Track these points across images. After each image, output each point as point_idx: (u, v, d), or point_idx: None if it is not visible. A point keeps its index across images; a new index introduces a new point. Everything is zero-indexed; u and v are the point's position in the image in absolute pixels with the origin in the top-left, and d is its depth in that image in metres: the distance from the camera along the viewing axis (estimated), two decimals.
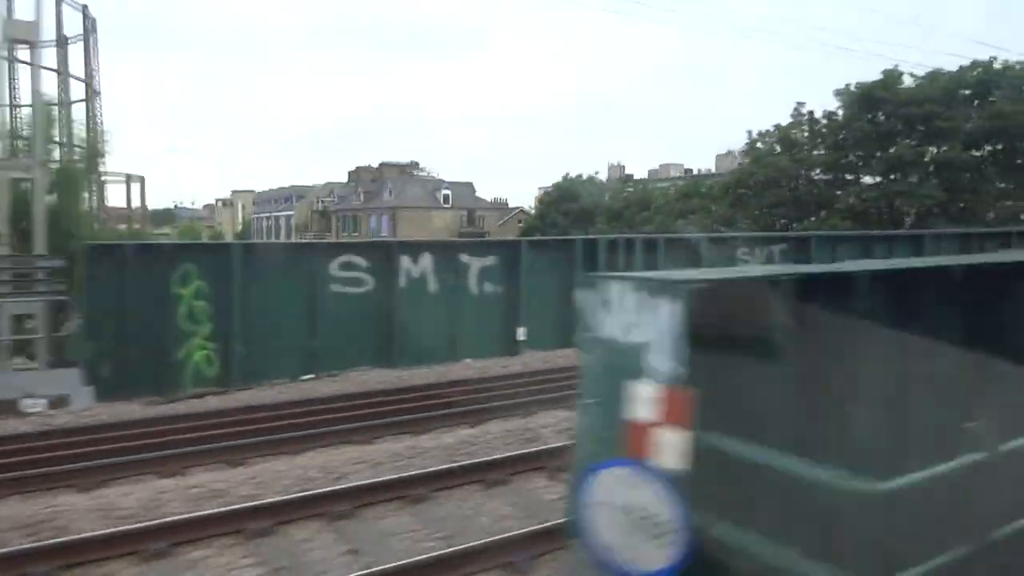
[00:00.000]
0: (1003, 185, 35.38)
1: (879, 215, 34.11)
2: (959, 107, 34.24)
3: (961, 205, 33.32)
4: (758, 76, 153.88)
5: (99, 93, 59.01)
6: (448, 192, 72.59)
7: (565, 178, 54.51)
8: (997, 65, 34.99)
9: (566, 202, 51.29)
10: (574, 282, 10.89)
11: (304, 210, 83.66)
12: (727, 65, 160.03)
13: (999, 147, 34.43)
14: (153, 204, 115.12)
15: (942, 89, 34.92)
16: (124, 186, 54.80)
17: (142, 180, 58.39)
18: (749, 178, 39.23)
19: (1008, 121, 32.60)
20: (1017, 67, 34.63)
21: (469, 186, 75.66)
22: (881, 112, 35.78)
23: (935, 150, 34.09)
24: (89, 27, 54.56)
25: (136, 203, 55.97)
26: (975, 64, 35.44)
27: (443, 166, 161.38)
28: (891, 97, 34.97)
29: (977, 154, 34.64)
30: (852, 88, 36.30)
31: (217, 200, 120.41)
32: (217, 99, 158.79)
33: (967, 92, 35.18)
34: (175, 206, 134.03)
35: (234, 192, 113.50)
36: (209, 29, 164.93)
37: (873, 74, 40.42)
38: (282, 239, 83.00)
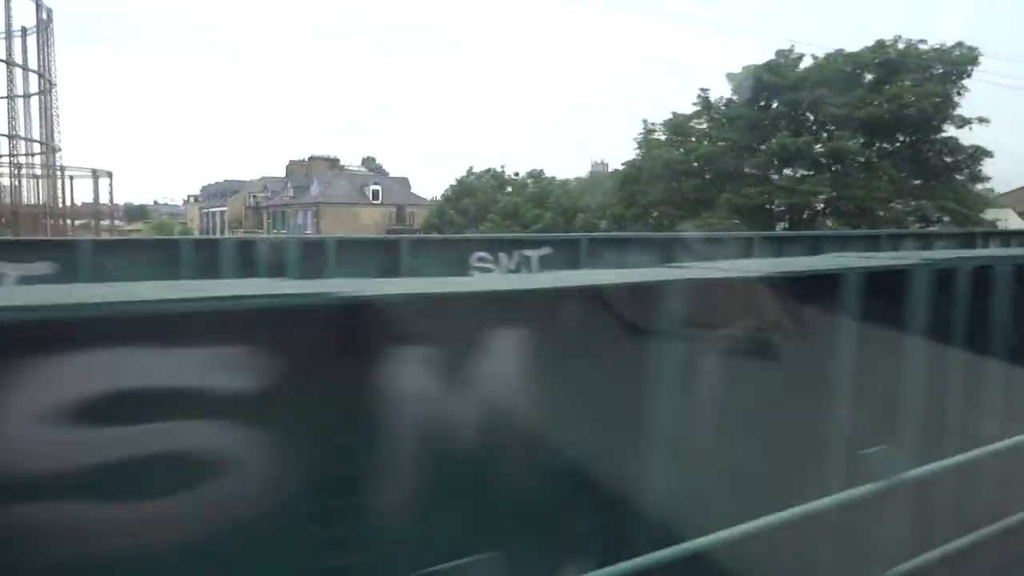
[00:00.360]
0: (917, 182, 31.43)
1: (762, 213, 30.19)
2: (859, 92, 30.28)
3: (857, 204, 29.34)
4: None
5: (55, 85, 56.32)
6: (378, 188, 69.02)
7: (469, 172, 50.84)
8: (901, 45, 31.03)
9: (466, 198, 47.63)
10: None
11: (237, 205, 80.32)
12: (717, 61, 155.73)
13: (902, 139, 30.48)
14: (136, 200, 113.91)
15: (838, 71, 30.95)
16: (91, 181, 52.65)
17: (110, 175, 55.85)
18: (640, 172, 35.33)
19: (909, 108, 28.65)
20: (922, 48, 30.67)
21: (403, 181, 72.14)
22: (775, 98, 31.87)
23: (830, 140, 30.16)
24: (44, 18, 51.82)
25: (105, 199, 53.82)
26: (879, 44, 31.45)
27: (414, 163, 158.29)
28: (780, 80, 31.01)
29: (886, 146, 30.72)
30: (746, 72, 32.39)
31: (189, 196, 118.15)
32: (197, 93, 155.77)
33: (870, 76, 31.22)
34: (155, 202, 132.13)
35: (204, 187, 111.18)
36: (184, 23, 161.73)
37: None
38: (216, 236, 79.90)
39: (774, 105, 32.11)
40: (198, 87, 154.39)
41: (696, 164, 33.20)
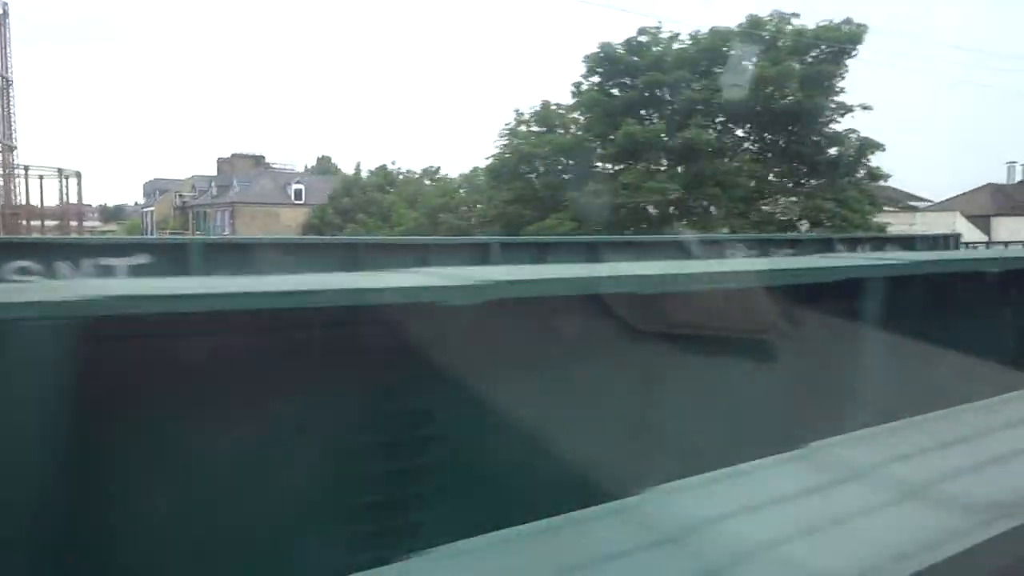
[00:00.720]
0: (805, 181, 27.27)
1: (611, 213, 25.99)
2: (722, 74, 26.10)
3: (714, 204, 25.16)
4: None
5: (11, 83, 53.58)
6: (301, 187, 65.39)
7: (357, 170, 47.11)
8: (772, 19, 26.86)
9: (346, 197, 43.92)
10: None
11: (166, 205, 77.00)
12: None
13: (773, 128, 26.27)
14: (120, 200, 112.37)
15: (705, 50, 26.83)
16: (57, 181, 50.35)
17: (78, 175, 53.26)
18: (502, 168, 31.31)
19: (770, 88, 24.49)
20: (796, 24, 26.51)
21: (329, 180, 68.42)
22: (639, 81, 27.66)
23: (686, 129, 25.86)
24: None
25: (74, 199, 51.55)
26: (753, 20, 27.29)
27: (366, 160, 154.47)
28: (638, 62, 26.89)
29: (751, 136, 26.50)
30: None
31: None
32: (159, 92, 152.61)
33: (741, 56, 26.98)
34: (136, 203, 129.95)
35: (144, 185, 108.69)
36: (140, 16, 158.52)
37: None
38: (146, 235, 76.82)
39: (639, 85, 27.90)
40: (156, 86, 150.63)
41: (552, 158, 29.11)
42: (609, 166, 27.89)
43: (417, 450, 2.05)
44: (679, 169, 25.85)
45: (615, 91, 28.73)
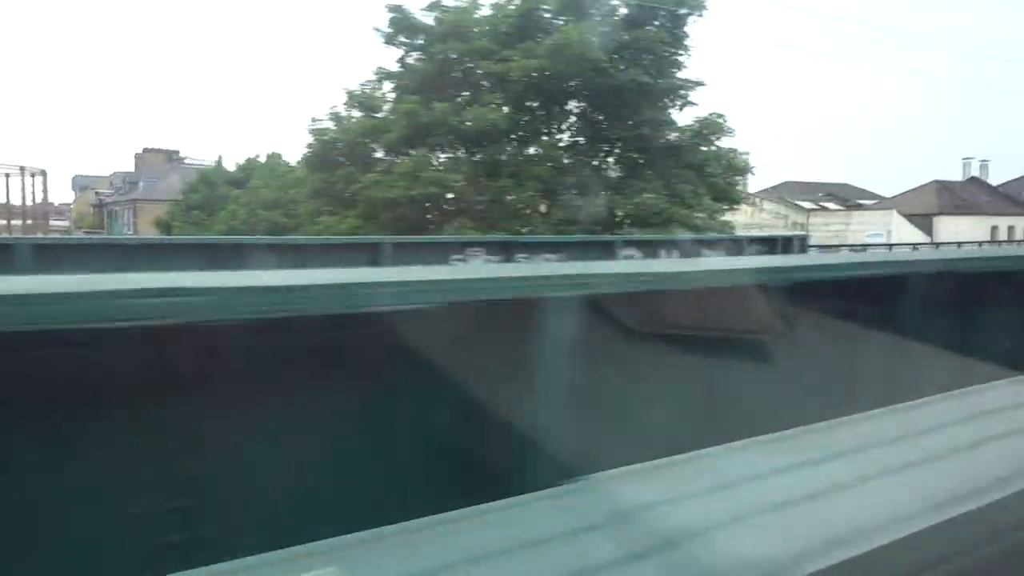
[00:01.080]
0: (623, 174, 22.85)
1: (395, 208, 21.68)
2: (525, 44, 21.72)
3: (499, 199, 20.71)
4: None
5: None
6: None
7: (219, 163, 42.94)
8: None
9: (195, 194, 39.87)
10: None
11: (83, 203, 73.40)
12: None
13: (603, 107, 21.88)
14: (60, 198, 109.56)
15: (518, 16, 22.50)
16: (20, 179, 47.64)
17: (43, 173, 50.47)
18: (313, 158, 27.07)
19: (572, 56, 20.12)
20: None
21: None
22: (434, 51, 23.29)
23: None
24: None
25: (39, 197, 48.59)
26: None
27: None
28: (436, 29, 22.58)
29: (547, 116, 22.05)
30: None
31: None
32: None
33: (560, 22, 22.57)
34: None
35: (73, 179, 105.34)
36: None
37: None
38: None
39: (453, 61, 23.49)
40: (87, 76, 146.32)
41: (353, 146, 24.81)
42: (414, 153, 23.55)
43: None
44: (476, 157, 21.54)
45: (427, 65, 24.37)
